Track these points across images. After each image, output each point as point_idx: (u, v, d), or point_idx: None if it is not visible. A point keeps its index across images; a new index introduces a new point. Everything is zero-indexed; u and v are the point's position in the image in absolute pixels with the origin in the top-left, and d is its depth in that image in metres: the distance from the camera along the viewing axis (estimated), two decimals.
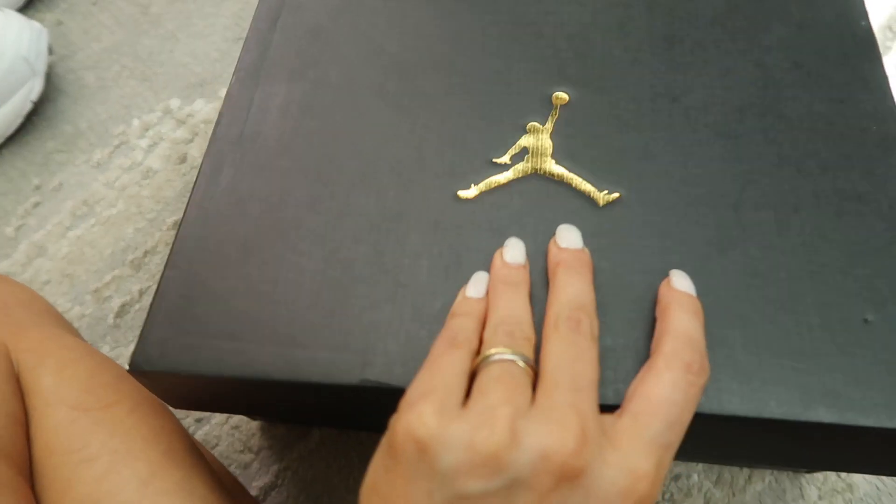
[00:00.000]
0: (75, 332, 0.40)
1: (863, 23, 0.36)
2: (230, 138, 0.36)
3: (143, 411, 0.34)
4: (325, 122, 0.36)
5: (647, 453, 0.22)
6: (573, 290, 0.27)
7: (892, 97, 0.33)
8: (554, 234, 0.31)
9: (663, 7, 0.37)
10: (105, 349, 0.47)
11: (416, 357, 0.29)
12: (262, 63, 0.38)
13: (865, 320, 0.29)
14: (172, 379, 0.31)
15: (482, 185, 0.33)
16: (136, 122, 0.55)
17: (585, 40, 0.36)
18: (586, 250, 0.30)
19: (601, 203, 0.32)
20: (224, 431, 0.44)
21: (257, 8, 0.41)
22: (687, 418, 0.23)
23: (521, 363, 0.24)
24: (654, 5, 0.37)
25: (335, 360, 0.30)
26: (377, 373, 0.29)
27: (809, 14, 0.36)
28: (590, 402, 0.23)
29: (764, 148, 0.33)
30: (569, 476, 0.21)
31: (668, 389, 0.23)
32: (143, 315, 0.48)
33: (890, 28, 0.56)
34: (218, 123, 0.36)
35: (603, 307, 0.30)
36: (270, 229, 0.33)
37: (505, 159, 0.34)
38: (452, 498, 0.21)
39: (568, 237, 0.30)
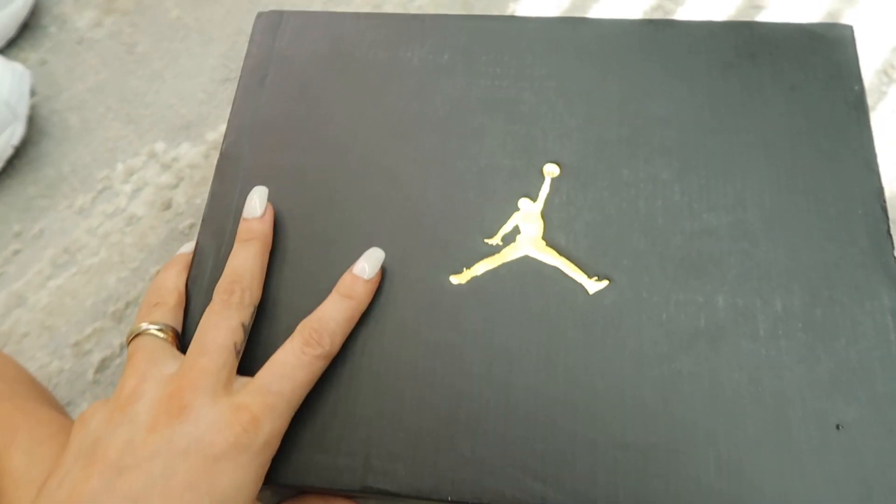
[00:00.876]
0: (49, 399, 0.39)
1: (856, 87, 0.35)
2: (224, 213, 0.36)
3: None
4: (318, 193, 0.35)
5: (254, 394, 0.27)
6: (235, 261, 0.32)
7: (878, 174, 0.33)
8: (547, 324, 0.31)
9: (658, 69, 0.37)
10: (83, 406, 0.45)
11: (420, 458, 0.30)
12: (252, 127, 0.37)
13: (838, 426, 0.29)
14: None
15: (473, 270, 0.32)
16: (120, 167, 0.54)
17: (581, 115, 0.36)
18: (265, 219, 0.33)
19: (591, 291, 0.31)
20: None
21: (245, 62, 0.40)
22: (300, 376, 0.28)
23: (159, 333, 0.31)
24: (650, 65, 0.37)
25: (336, 464, 0.29)
26: (380, 479, 0.29)
27: (802, 75, 0.36)
28: (212, 362, 0.28)
29: (753, 230, 0.33)
30: (176, 412, 0.26)
31: (283, 354, 0.29)
32: None
33: (885, 73, 0.56)
34: (211, 196, 0.36)
35: (593, 402, 0.30)
36: (267, 318, 0.33)
37: (497, 240, 0.33)
38: (88, 445, 0.26)
39: (249, 206, 0.33)
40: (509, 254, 0.33)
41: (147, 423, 0.26)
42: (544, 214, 0.33)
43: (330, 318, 0.30)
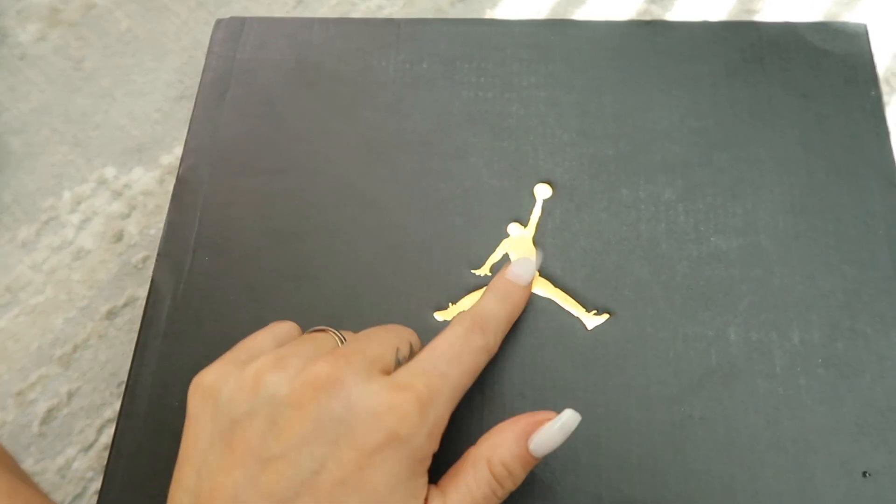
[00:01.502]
0: (0, 459, 0.37)
1: (872, 92, 0.35)
2: (182, 246, 0.34)
3: None
4: (287, 222, 0.34)
5: (416, 374, 0.25)
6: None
7: None
8: (542, 364, 0.30)
9: (657, 77, 0.36)
10: (29, 462, 0.44)
11: None
12: (211, 150, 0.36)
13: (865, 473, 0.28)
14: None
15: (460, 305, 0.32)
16: (66, 195, 0.52)
17: (575, 130, 0.35)
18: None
19: (589, 327, 0.31)
20: None
21: (203, 76, 0.39)
22: (466, 361, 0.26)
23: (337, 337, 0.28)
24: (648, 73, 0.36)
25: None
26: None
27: (815, 80, 0.35)
28: (371, 347, 0.26)
29: (766, 254, 0.32)
30: (325, 384, 0.23)
31: (444, 339, 0.27)
32: (72, 421, 0.45)
33: (888, 82, 0.56)
34: (168, 226, 0.35)
35: (596, 452, 0.29)
36: None
37: (485, 271, 0.32)
38: (225, 426, 0.24)
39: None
40: None
41: (290, 398, 0.23)
42: (536, 241, 0.33)
43: (490, 313, 0.29)
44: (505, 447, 0.26)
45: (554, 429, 0.26)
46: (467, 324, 0.27)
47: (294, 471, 0.22)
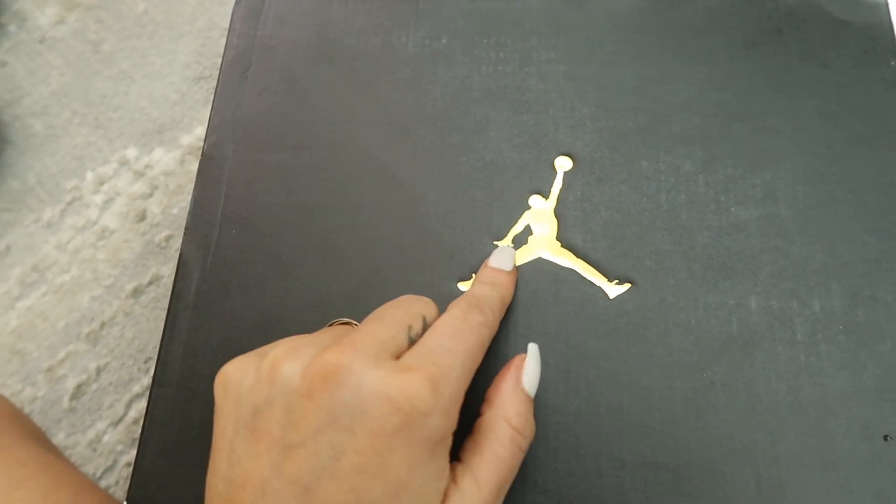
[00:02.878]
0: (31, 432, 0.38)
1: (892, 62, 0.35)
2: (208, 220, 0.35)
3: None
4: (311, 196, 0.35)
5: (422, 355, 0.25)
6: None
7: None
8: (565, 333, 0.30)
9: (675, 49, 0.36)
10: (60, 437, 0.45)
11: None
12: (235, 126, 0.36)
13: (886, 437, 0.29)
14: None
15: None
16: (89, 176, 0.53)
17: (594, 103, 0.35)
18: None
19: (611, 296, 0.31)
20: None
21: (225, 53, 0.39)
22: (470, 338, 0.26)
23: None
24: (667, 45, 0.36)
25: None
26: None
27: (834, 51, 0.35)
28: (381, 330, 0.26)
29: (786, 224, 0.32)
30: (333, 374, 0.23)
31: (447, 318, 0.27)
32: (101, 396, 0.46)
33: None
34: (195, 202, 0.35)
35: (618, 418, 0.29)
36: (262, 332, 0.32)
37: (507, 241, 0.33)
38: (248, 415, 0.24)
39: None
40: (521, 257, 0.32)
41: (302, 388, 0.24)
42: (557, 212, 0.33)
43: (482, 295, 0.29)
44: (511, 400, 0.27)
45: (531, 363, 0.28)
46: (463, 305, 0.28)
47: (314, 459, 0.23)
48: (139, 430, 0.45)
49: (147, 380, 0.46)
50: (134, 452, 0.45)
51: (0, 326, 0.48)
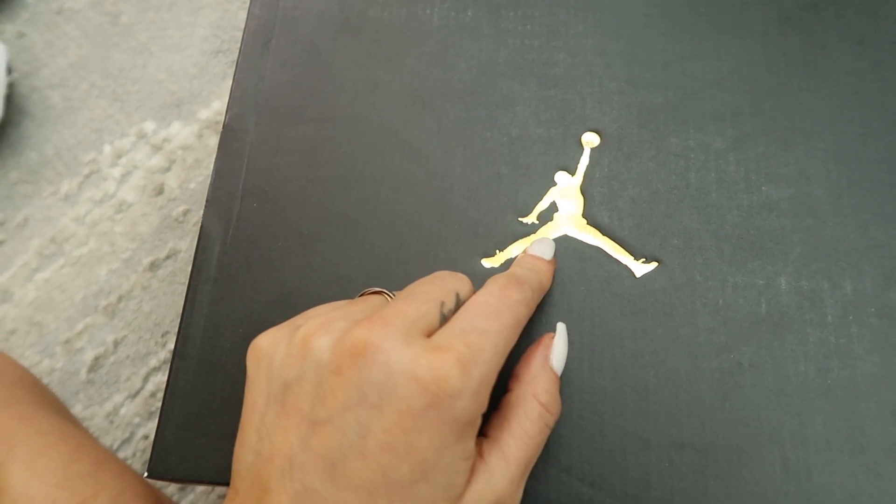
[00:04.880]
0: (51, 401, 0.38)
1: None
2: (229, 193, 0.34)
3: (124, 501, 0.32)
4: (333, 169, 0.35)
5: (454, 334, 0.24)
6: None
7: None
8: (590, 311, 0.30)
9: (707, 25, 0.35)
10: (78, 409, 0.45)
11: None
12: (256, 98, 0.36)
13: None
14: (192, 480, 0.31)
15: (507, 253, 0.32)
16: (107, 149, 0.53)
17: (623, 78, 0.34)
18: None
19: (638, 274, 0.31)
20: (210, 502, 0.42)
21: (247, 24, 0.39)
22: (506, 316, 0.26)
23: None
24: (698, 21, 0.35)
25: None
26: None
27: (872, 27, 0.34)
28: (413, 307, 0.25)
29: (819, 204, 0.32)
30: (361, 350, 0.23)
31: (483, 294, 0.26)
32: (119, 369, 0.46)
33: None
34: (216, 174, 0.35)
35: (644, 398, 0.29)
36: (283, 306, 0.32)
37: (532, 219, 0.32)
38: (278, 389, 0.24)
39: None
40: (546, 233, 0.32)
41: (331, 364, 0.24)
42: (584, 189, 0.32)
43: (522, 275, 0.29)
44: (540, 377, 0.27)
45: (559, 342, 0.28)
46: (502, 281, 0.27)
47: (342, 435, 0.23)
48: (156, 403, 0.46)
49: (164, 353, 0.46)
50: (151, 425, 0.45)
51: (19, 298, 0.48)
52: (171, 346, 0.46)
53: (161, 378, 0.46)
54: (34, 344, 0.47)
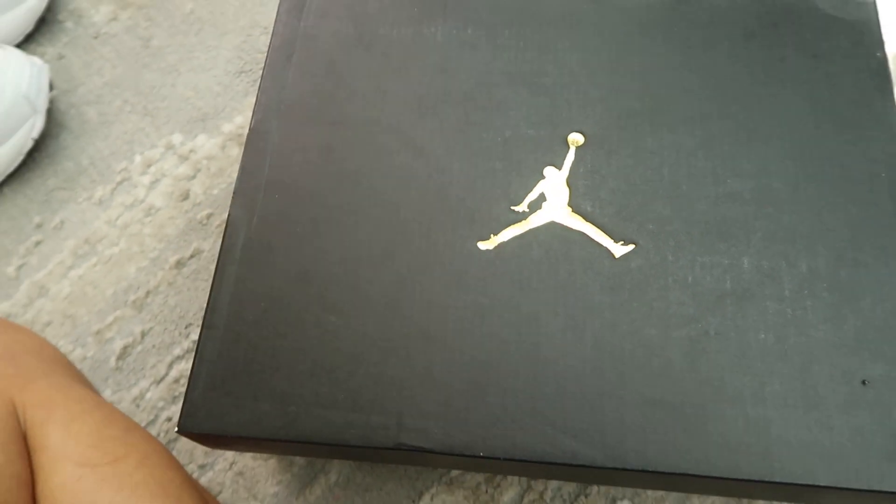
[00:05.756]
0: (83, 380, 0.41)
1: (878, 54, 0.38)
2: (254, 186, 0.38)
3: (150, 464, 0.35)
4: (346, 166, 0.38)
5: None
6: None
7: None
8: (574, 287, 0.33)
9: (680, 41, 0.40)
10: (107, 393, 0.48)
11: (451, 416, 0.32)
12: (279, 105, 0.40)
13: (864, 382, 0.32)
14: (217, 437, 0.34)
15: (501, 237, 0.35)
16: (138, 159, 0.57)
17: (605, 87, 0.38)
18: None
19: (617, 255, 0.34)
20: (228, 478, 0.46)
21: (271, 41, 0.43)
22: None
23: None
24: (672, 37, 0.39)
25: (370, 422, 0.32)
26: (412, 436, 0.31)
27: (825, 43, 0.39)
28: None
29: (778, 195, 0.35)
30: None
31: None
32: (145, 358, 0.50)
33: None
34: (242, 170, 0.39)
35: (620, 362, 0.32)
36: (301, 284, 0.36)
37: (523, 207, 0.36)
38: None
39: None
40: (536, 220, 0.35)
41: None
42: (570, 182, 0.36)
43: None
44: None
45: None
46: None
47: None
48: (179, 389, 0.49)
49: (187, 343, 0.50)
50: (174, 408, 0.48)
51: (54, 293, 0.52)
52: (194, 336, 0.49)
53: (184, 366, 0.49)
54: (68, 334, 0.51)
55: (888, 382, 0.31)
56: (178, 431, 0.34)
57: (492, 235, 0.36)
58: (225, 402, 0.34)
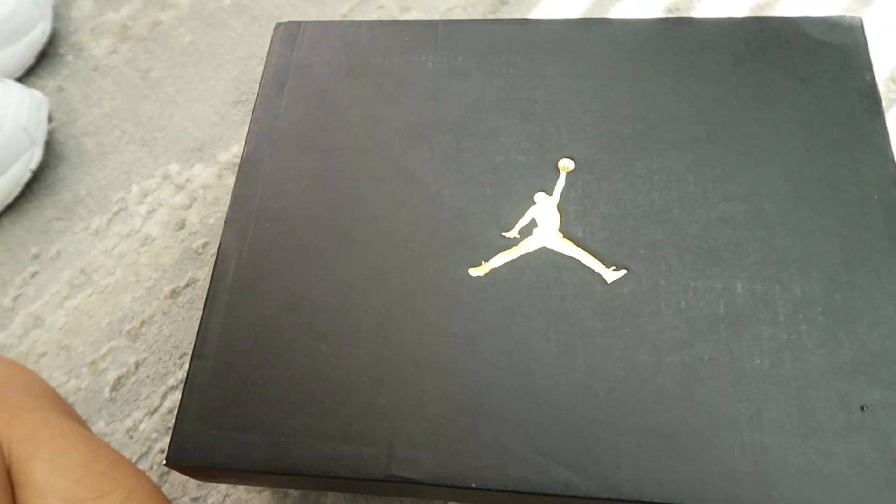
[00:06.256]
0: (72, 414, 0.41)
1: (867, 77, 0.38)
2: (246, 214, 0.38)
3: (136, 500, 0.35)
4: (338, 193, 0.38)
5: None
6: None
7: (893, 160, 0.36)
8: (566, 313, 0.33)
9: (669, 66, 0.39)
10: (100, 425, 0.48)
11: (443, 446, 0.32)
12: (272, 133, 0.40)
13: (862, 407, 0.31)
14: (207, 469, 0.33)
15: (492, 263, 0.35)
16: (135, 188, 0.57)
17: (595, 112, 0.38)
18: None
19: (609, 280, 0.34)
20: None
21: (264, 71, 0.43)
22: None
23: None
24: (661, 63, 0.40)
25: (361, 453, 0.32)
26: (403, 467, 0.31)
27: (814, 67, 0.38)
28: None
29: (770, 218, 0.35)
30: None
31: None
32: (139, 388, 0.49)
33: (893, 80, 0.58)
34: (234, 198, 0.39)
35: (614, 389, 0.32)
36: (291, 313, 0.36)
37: (514, 233, 0.35)
38: None
39: None
40: (527, 246, 0.35)
41: None
42: (560, 208, 0.36)
43: None
44: None
45: None
46: None
47: None
48: (173, 420, 0.48)
49: (181, 373, 0.49)
50: (167, 440, 0.47)
51: (49, 323, 0.52)
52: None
53: (179, 396, 0.48)
54: (62, 365, 0.50)
55: (887, 408, 0.30)
56: (165, 464, 0.33)
57: (483, 262, 0.35)
58: (214, 434, 0.33)
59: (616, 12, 0.60)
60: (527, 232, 0.36)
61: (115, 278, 0.53)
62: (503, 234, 0.36)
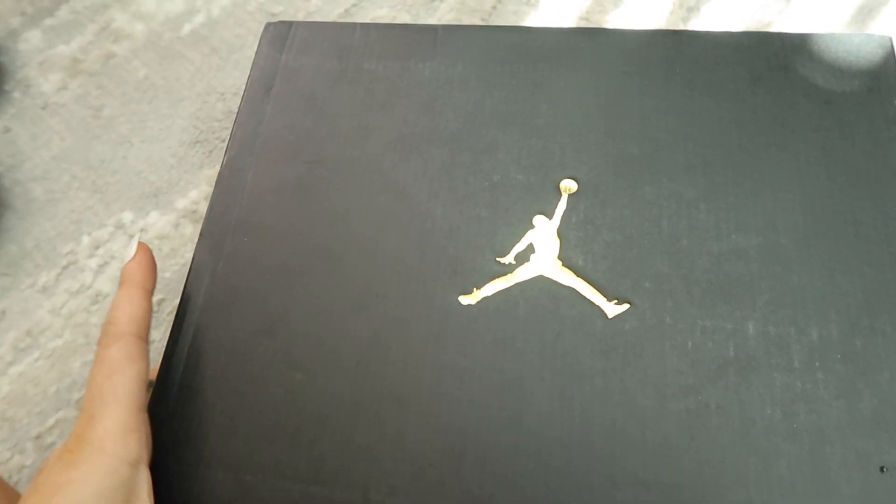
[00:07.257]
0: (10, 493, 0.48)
1: (895, 101, 0.45)
2: (223, 228, 0.46)
3: None
4: (322, 207, 0.46)
5: None
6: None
7: None
8: (562, 349, 0.40)
9: (682, 82, 0.47)
10: None
11: (422, 492, 0.37)
12: (255, 140, 0.49)
13: (882, 468, 0.36)
14: None
15: (484, 291, 0.42)
16: (85, 240, 0.66)
17: (601, 130, 0.46)
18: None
19: (610, 315, 0.41)
20: None
21: (251, 73, 0.52)
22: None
23: None
24: (674, 78, 0.47)
25: (333, 497, 0.38)
26: None
27: (838, 88, 0.46)
28: None
29: (786, 252, 0.41)
30: None
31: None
32: None
33: None
34: (211, 210, 0.46)
35: (611, 436, 0.38)
36: (266, 337, 0.42)
37: (509, 259, 0.43)
38: None
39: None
40: (523, 273, 0.42)
41: None
42: (560, 233, 0.43)
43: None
44: None
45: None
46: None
47: None
48: None
49: None
50: None
51: None
52: None
53: None
54: (5, 440, 0.57)
55: None
56: None
57: (475, 289, 0.42)
58: (174, 470, 0.39)
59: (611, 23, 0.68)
60: (523, 258, 0.43)
61: (63, 340, 0.61)
62: (498, 259, 0.43)
